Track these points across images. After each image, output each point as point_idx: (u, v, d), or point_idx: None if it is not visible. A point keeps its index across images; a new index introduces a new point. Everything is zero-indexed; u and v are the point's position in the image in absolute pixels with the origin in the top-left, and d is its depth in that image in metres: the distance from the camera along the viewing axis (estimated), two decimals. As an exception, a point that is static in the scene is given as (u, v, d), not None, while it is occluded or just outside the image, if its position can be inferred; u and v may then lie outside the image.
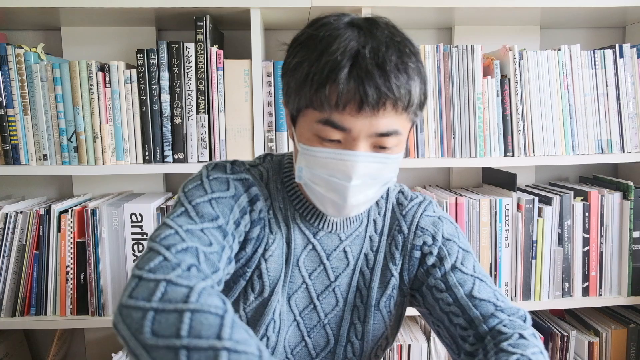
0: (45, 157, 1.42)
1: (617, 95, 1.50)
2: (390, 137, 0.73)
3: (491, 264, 1.49)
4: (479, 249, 1.49)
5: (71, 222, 1.41)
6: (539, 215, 1.49)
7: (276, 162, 0.90)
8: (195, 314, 0.57)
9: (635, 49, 1.50)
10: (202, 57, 1.41)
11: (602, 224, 1.52)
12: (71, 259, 1.42)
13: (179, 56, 1.40)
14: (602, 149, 1.51)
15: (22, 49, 1.39)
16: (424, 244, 0.90)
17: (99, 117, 1.41)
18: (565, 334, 1.55)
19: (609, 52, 1.49)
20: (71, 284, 1.42)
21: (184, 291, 0.60)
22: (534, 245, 1.49)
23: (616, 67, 1.50)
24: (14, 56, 1.38)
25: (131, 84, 1.41)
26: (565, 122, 1.49)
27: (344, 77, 0.68)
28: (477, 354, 0.81)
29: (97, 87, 1.40)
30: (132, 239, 1.42)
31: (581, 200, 1.52)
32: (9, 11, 1.39)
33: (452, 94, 1.46)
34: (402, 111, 0.72)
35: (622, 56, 1.50)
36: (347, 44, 0.70)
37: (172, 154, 1.44)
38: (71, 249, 1.42)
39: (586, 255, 1.52)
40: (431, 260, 0.89)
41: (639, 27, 1.69)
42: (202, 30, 1.40)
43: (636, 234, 1.52)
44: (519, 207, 1.49)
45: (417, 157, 1.47)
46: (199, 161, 1.44)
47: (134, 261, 1.42)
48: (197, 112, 1.43)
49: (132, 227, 1.41)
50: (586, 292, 1.54)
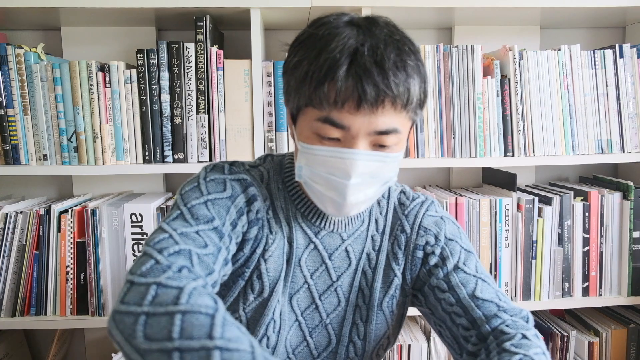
0: (45, 157, 1.42)
1: (617, 95, 1.50)
2: (389, 135, 0.73)
3: (491, 264, 1.49)
4: (479, 249, 1.49)
5: (71, 222, 1.41)
6: (539, 215, 1.49)
7: (277, 163, 0.90)
8: (186, 315, 0.58)
9: (635, 49, 1.50)
10: (202, 57, 1.41)
11: (602, 224, 1.52)
12: (71, 259, 1.42)
13: (179, 56, 1.40)
14: (602, 149, 1.51)
15: (22, 49, 1.39)
16: (427, 243, 0.89)
17: (99, 117, 1.41)
18: (565, 334, 1.55)
19: (609, 52, 1.49)
20: (71, 284, 1.42)
21: (174, 293, 0.61)
22: (534, 245, 1.49)
23: (616, 67, 1.50)
24: (14, 56, 1.38)
25: (131, 84, 1.41)
26: (565, 122, 1.49)
27: (342, 74, 0.68)
28: (479, 354, 0.81)
29: (97, 87, 1.40)
30: (132, 239, 1.42)
31: (581, 200, 1.52)
32: (9, 11, 1.39)
33: (452, 94, 1.46)
34: (402, 109, 0.72)
35: (622, 56, 1.50)
36: (345, 42, 0.70)
37: (172, 154, 1.44)
38: (71, 249, 1.42)
39: (586, 255, 1.52)
40: (434, 260, 0.89)
41: (639, 27, 1.69)
42: (202, 30, 1.40)
43: (636, 234, 1.52)
44: (519, 207, 1.49)
45: (417, 157, 1.47)
46: (199, 161, 1.44)
47: (134, 261, 1.42)
48: (197, 112, 1.43)
49: (132, 227, 1.41)
50: (586, 292, 1.54)
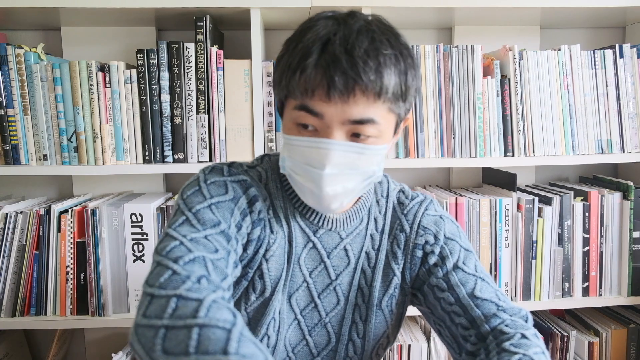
0: (45, 157, 1.42)
1: (617, 95, 1.50)
2: (365, 125, 0.72)
3: (491, 264, 1.49)
4: (479, 249, 1.49)
5: (71, 222, 1.41)
6: (539, 215, 1.49)
7: (274, 162, 0.90)
8: (203, 329, 0.58)
9: (635, 49, 1.50)
10: (202, 57, 1.41)
11: (602, 224, 1.52)
12: (71, 259, 1.42)
13: (179, 56, 1.40)
14: (602, 149, 1.51)
15: (22, 49, 1.39)
16: (426, 242, 0.89)
17: (99, 117, 1.41)
18: (565, 334, 1.55)
19: (609, 52, 1.49)
20: (71, 284, 1.42)
21: (194, 305, 0.61)
22: (534, 245, 1.49)
23: (616, 67, 1.50)
24: (14, 56, 1.38)
25: (131, 84, 1.41)
26: (565, 122, 1.49)
27: (312, 63, 0.70)
28: (478, 353, 0.81)
29: (97, 87, 1.40)
30: (132, 239, 1.42)
31: (581, 200, 1.52)
32: (9, 11, 1.39)
33: (452, 94, 1.46)
34: (375, 99, 0.71)
35: (622, 56, 1.50)
36: (319, 32, 0.71)
37: (172, 154, 1.44)
38: (71, 249, 1.42)
39: (586, 255, 1.52)
40: (433, 259, 0.89)
41: (639, 27, 1.69)
42: (202, 30, 1.40)
43: (636, 234, 1.52)
44: (519, 207, 1.49)
45: (417, 157, 1.47)
46: (199, 161, 1.44)
47: (134, 261, 1.42)
48: (197, 112, 1.43)
49: (132, 227, 1.41)
50: (586, 292, 1.54)
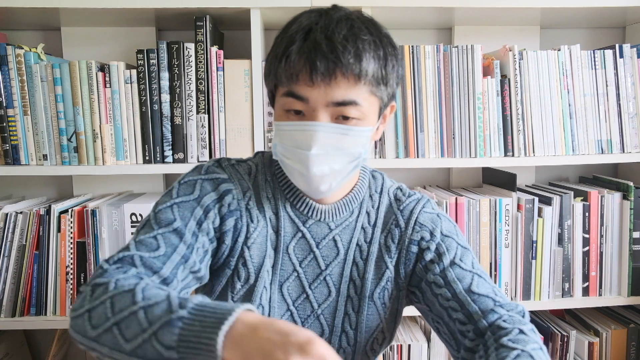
0: (45, 157, 1.42)
1: (617, 95, 1.50)
2: (348, 107, 0.77)
3: (491, 264, 1.49)
4: (479, 249, 1.49)
5: (71, 222, 1.41)
6: (539, 215, 1.49)
7: (267, 157, 0.94)
8: (114, 298, 0.67)
9: (635, 49, 1.50)
10: (202, 57, 1.41)
11: (602, 224, 1.52)
12: (71, 259, 1.42)
13: (179, 56, 1.40)
14: (602, 149, 1.51)
15: (22, 49, 1.39)
16: (422, 239, 0.91)
17: (99, 117, 1.41)
18: (565, 334, 1.55)
19: (609, 52, 1.49)
20: (71, 284, 1.42)
21: (104, 286, 0.70)
22: (534, 245, 1.49)
23: (616, 67, 1.50)
24: (14, 56, 1.38)
25: (131, 84, 1.41)
26: (565, 122, 1.49)
27: (295, 50, 0.76)
28: (477, 349, 0.82)
29: (97, 87, 1.40)
30: (132, 239, 1.42)
31: (581, 200, 1.52)
32: (9, 11, 1.39)
33: (452, 94, 1.46)
34: (356, 81, 0.76)
35: (622, 56, 1.50)
36: (302, 23, 0.78)
37: (172, 154, 1.44)
38: (71, 249, 1.42)
39: (586, 255, 1.52)
40: (429, 255, 0.90)
41: (639, 27, 1.69)
42: (202, 30, 1.40)
43: (636, 234, 1.52)
44: (519, 207, 1.49)
45: (417, 157, 1.47)
46: (199, 161, 1.44)
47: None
48: (197, 112, 1.43)
49: (132, 227, 1.41)
50: (586, 292, 1.54)
